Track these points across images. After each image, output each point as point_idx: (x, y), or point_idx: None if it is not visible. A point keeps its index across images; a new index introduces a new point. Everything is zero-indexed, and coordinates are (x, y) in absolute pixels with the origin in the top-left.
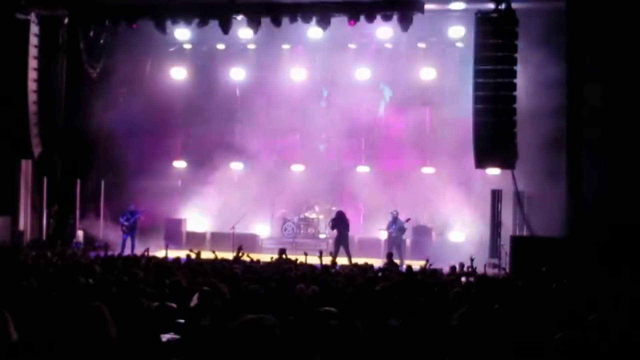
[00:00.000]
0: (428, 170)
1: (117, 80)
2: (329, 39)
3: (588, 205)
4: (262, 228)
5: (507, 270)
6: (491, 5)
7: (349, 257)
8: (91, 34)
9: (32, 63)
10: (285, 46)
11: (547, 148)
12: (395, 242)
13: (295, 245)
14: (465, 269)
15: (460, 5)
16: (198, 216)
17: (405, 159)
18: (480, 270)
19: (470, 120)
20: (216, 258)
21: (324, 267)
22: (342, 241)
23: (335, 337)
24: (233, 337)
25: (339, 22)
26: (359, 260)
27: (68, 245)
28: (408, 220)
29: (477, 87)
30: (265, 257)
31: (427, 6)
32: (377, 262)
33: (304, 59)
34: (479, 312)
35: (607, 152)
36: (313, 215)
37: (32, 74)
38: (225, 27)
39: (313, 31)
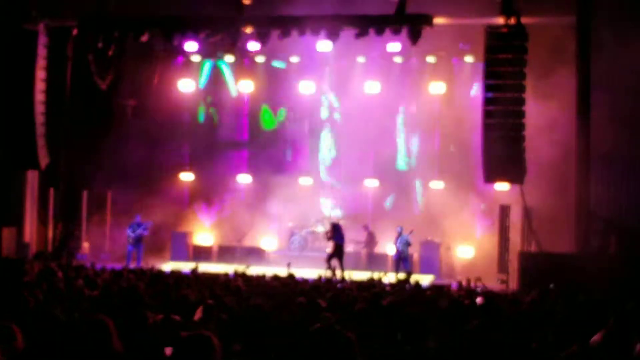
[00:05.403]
0: (437, 184)
1: (125, 92)
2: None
3: (597, 221)
4: (269, 241)
5: (509, 286)
6: (501, 20)
7: (342, 270)
8: (100, 45)
9: (40, 74)
10: (294, 59)
11: (555, 163)
12: (401, 256)
13: (302, 259)
14: (472, 286)
15: (470, 20)
16: (204, 229)
17: (414, 172)
18: (489, 287)
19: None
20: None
21: (330, 282)
22: (337, 254)
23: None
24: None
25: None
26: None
27: (74, 257)
28: (411, 232)
29: (486, 101)
30: (272, 271)
31: (437, 20)
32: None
33: (313, 72)
34: (485, 329)
35: (616, 166)
36: (320, 229)
37: (40, 85)
38: (234, 40)
39: (322, 44)
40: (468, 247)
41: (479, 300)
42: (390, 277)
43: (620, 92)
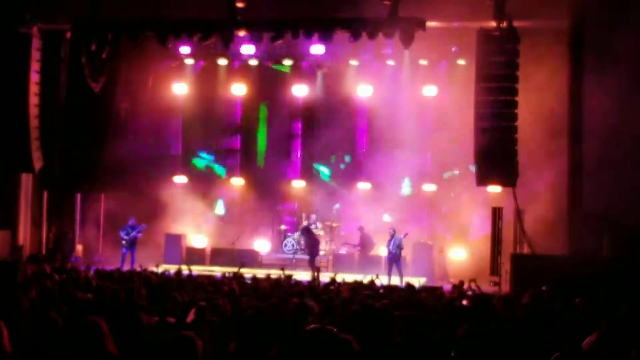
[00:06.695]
0: (429, 187)
1: (119, 94)
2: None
3: (589, 223)
4: (262, 244)
5: (502, 288)
6: (493, 23)
7: (313, 271)
8: (93, 48)
9: (34, 77)
10: (287, 62)
11: (548, 165)
12: (393, 258)
13: (295, 261)
14: (466, 289)
15: (462, 23)
16: (198, 231)
17: (406, 175)
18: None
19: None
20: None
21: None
22: (310, 255)
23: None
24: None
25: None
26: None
27: (67, 259)
28: (406, 235)
29: (478, 104)
30: (265, 273)
31: (429, 23)
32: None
33: (305, 75)
34: (476, 332)
35: (609, 168)
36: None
37: (34, 88)
38: (227, 42)
39: (315, 47)
40: (461, 250)
41: (465, 302)
42: (383, 280)
43: (612, 94)
